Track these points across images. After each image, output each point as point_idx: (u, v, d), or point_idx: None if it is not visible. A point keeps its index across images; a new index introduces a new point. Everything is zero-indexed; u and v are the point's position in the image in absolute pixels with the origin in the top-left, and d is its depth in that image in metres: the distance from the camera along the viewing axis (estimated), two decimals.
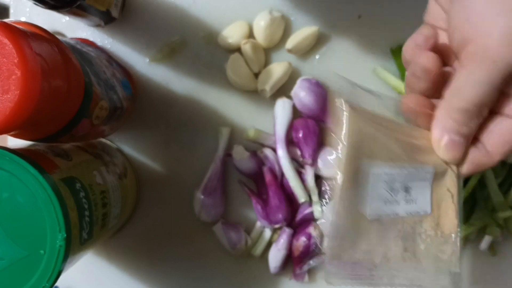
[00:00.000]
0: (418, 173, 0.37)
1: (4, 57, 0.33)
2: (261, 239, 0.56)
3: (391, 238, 0.35)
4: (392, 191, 0.36)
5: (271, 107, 0.56)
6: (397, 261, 0.35)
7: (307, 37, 0.54)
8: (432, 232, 0.36)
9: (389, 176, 0.36)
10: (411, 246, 0.36)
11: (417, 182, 0.37)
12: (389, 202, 0.36)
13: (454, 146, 0.36)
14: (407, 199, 0.36)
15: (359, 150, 0.35)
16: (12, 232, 0.36)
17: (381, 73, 0.55)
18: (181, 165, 0.57)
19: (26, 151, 0.39)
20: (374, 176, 0.35)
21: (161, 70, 0.57)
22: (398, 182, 0.36)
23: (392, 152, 0.36)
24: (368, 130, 0.36)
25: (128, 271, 0.58)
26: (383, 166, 0.36)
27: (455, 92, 0.36)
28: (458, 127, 0.36)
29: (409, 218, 0.36)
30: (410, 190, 0.36)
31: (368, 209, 0.35)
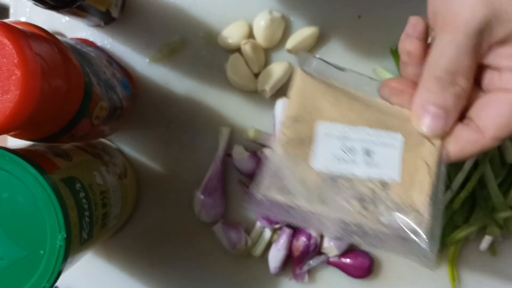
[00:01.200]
0: (382, 139, 0.37)
1: (4, 57, 0.33)
2: (261, 239, 0.56)
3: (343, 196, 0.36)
4: (348, 151, 0.36)
5: (271, 107, 0.56)
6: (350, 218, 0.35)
7: (307, 37, 0.54)
8: (398, 199, 0.36)
9: (343, 135, 0.37)
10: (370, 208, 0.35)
11: (381, 147, 0.36)
12: (344, 161, 0.36)
13: (431, 117, 0.36)
14: (368, 161, 0.36)
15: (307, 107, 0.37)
16: (12, 232, 0.36)
17: (381, 73, 0.55)
18: (181, 165, 0.57)
19: (26, 151, 0.39)
20: (323, 133, 0.37)
21: (161, 70, 0.57)
22: (355, 143, 0.36)
23: (349, 115, 0.37)
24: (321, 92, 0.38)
25: (128, 271, 0.58)
26: (334, 125, 0.37)
27: (428, 63, 0.36)
28: (433, 97, 0.35)
29: (370, 182, 0.36)
30: (372, 154, 0.36)
31: (315, 162, 0.36)
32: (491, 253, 0.56)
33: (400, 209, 0.35)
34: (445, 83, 0.35)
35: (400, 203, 0.35)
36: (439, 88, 0.35)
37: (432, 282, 0.57)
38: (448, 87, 0.35)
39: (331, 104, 0.37)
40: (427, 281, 0.57)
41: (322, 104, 0.37)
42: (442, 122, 0.36)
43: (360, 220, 0.35)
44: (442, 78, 0.35)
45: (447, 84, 0.35)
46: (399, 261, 0.57)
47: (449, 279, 0.56)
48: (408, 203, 0.35)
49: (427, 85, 0.36)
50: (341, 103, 0.38)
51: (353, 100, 0.38)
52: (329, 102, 0.37)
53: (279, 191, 0.35)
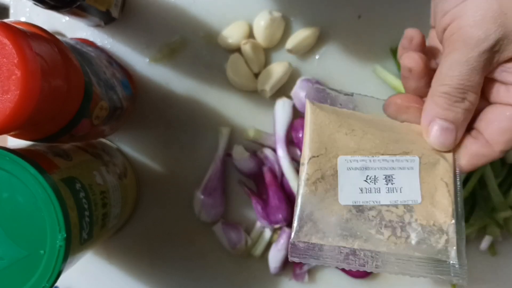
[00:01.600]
0: (400, 163, 0.37)
1: (4, 57, 0.33)
2: (261, 239, 0.56)
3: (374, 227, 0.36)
4: (370, 181, 0.37)
5: (271, 107, 0.56)
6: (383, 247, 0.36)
7: (307, 37, 0.54)
8: (424, 221, 0.36)
9: (364, 166, 0.37)
10: (401, 234, 0.36)
11: (400, 171, 0.37)
12: (368, 191, 0.37)
13: (442, 132, 0.37)
14: (389, 187, 0.37)
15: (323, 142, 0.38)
16: (12, 232, 0.36)
17: (381, 73, 0.55)
18: (181, 165, 0.57)
19: (26, 151, 0.39)
20: (344, 166, 0.37)
21: (161, 70, 0.57)
22: (376, 172, 0.37)
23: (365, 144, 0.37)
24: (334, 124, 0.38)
25: (128, 271, 0.58)
26: (353, 157, 0.37)
27: (437, 78, 0.37)
28: (443, 112, 0.36)
29: (396, 208, 0.36)
30: (392, 179, 0.37)
31: (342, 197, 0.36)
32: (491, 253, 0.56)
33: (428, 231, 0.36)
34: (455, 99, 0.36)
35: (427, 225, 0.36)
36: (449, 104, 0.36)
37: (431, 282, 0.57)
38: (458, 102, 0.36)
39: (347, 135, 0.38)
40: (426, 281, 0.57)
41: (338, 136, 0.38)
42: (453, 136, 0.37)
43: (394, 249, 0.36)
44: (452, 95, 0.35)
45: (457, 100, 0.36)
46: None
47: None
48: (434, 225, 0.36)
49: (437, 101, 0.36)
50: (356, 132, 0.38)
51: (367, 126, 0.38)
52: (344, 134, 0.38)
53: (314, 234, 0.36)
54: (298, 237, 0.36)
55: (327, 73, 0.56)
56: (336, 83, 0.56)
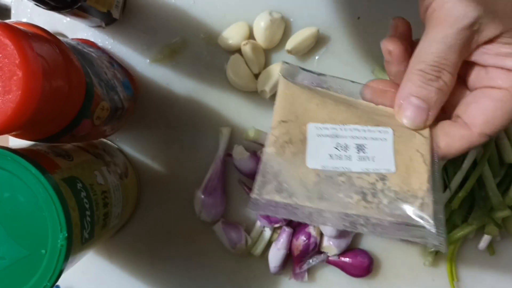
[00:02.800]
0: (373, 134, 0.37)
1: (5, 58, 0.34)
2: (261, 239, 0.57)
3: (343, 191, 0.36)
4: (341, 148, 0.37)
5: (271, 107, 0.55)
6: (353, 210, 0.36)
7: (306, 38, 0.55)
8: (397, 188, 0.36)
9: (334, 134, 0.37)
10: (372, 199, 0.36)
11: (372, 141, 0.37)
12: (338, 158, 0.37)
13: (414, 109, 0.36)
14: (362, 157, 0.37)
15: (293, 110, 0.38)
16: (14, 231, 0.37)
17: (379, 74, 0.55)
18: (182, 165, 0.58)
19: (27, 151, 0.39)
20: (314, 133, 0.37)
21: (162, 70, 0.57)
22: (347, 140, 0.37)
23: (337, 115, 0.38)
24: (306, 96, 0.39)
25: (129, 270, 0.59)
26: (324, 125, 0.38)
27: (414, 56, 0.37)
28: (416, 89, 0.36)
29: (367, 175, 0.36)
30: (365, 149, 0.37)
31: (310, 161, 0.36)
32: (489, 252, 0.57)
33: (401, 198, 0.36)
34: (429, 77, 0.35)
35: (400, 192, 0.36)
36: (423, 81, 0.36)
37: (431, 281, 0.57)
38: (432, 81, 0.35)
39: (318, 106, 0.38)
40: (426, 280, 0.57)
41: (309, 106, 0.38)
42: (424, 115, 0.36)
43: (363, 212, 0.35)
44: (427, 72, 0.35)
45: (431, 78, 0.35)
46: (398, 260, 0.57)
47: (448, 278, 0.57)
48: (408, 191, 0.36)
49: (411, 78, 0.36)
50: (327, 105, 0.38)
51: (339, 102, 0.39)
52: (315, 104, 0.38)
53: (278, 193, 0.36)
54: (261, 194, 0.36)
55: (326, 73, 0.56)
56: None
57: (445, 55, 0.35)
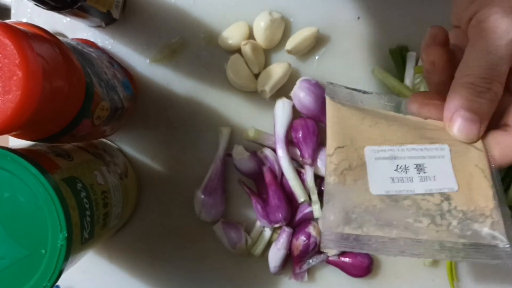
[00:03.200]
0: (430, 152, 0.36)
1: (5, 58, 0.34)
2: (261, 239, 0.57)
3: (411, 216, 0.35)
4: (401, 170, 0.36)
5: (271, 107, 0.56)
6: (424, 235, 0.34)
7: (306, 38, 0.55)
8: (464, 207, 0.35)
9: (392, 156, 0.36)
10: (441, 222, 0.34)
11: (430, 159, 0.36)
12: (400, 180, 0.36)
13: (466, 122, 0.36)
14: (422, 176, 0.36)
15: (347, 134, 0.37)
16: (14, 231, 0.37)
17: (380, 73, 0.55)
18: (182, 165, 0.58)
19: (27, 151, 0.39)
20: (372, 156, 0.36)
21: (162, 70, 0.57)
22: (406, 161, 0.36)
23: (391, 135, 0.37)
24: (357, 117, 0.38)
25: (129, 270, 0.59)
26: (380, 147, 0.37)
27: (461, 68, 0.36)
28: (467, 103, 0.35)
29: (431, 196, 0.35)
30: (424, 168, 0.36)
31: (373, 187, 0.35)
32: None
33: (470, 217, 0.35)
34: (480, 89, 0.35)
35: (468, 211, 0.35)
36: (473, 94, 0.35)
37: (430, 281, 0.57)
38: (483, 93, 0.35)
39: (371, 128, 0.37)
40: (425, 280, 0.57)
41: (362, 128, 0.37)
42: (476, 128, 0.36)
43: (436, 236, 0.34)
44: (477, 85, 0.35)
45: (482, 90, 0.35)
46: (398, 260, 0.57)
47: (448, 278, 0.57)
48: (476, 210, 0.35)
49: (460, 91, 0.36)
50: (380, 125, 0.37)
51: (390, 121, 0.38)
52: (368, 126, 0.37)
53: (348, 224, 0.35)
54: (331, 228, 0.34)
55: (326, 73, 0.56)
56: None
57: (496, 66, 0.34)
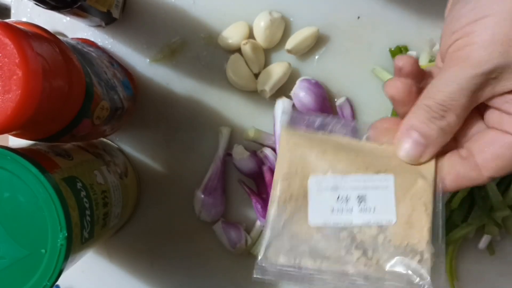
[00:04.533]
0: (374, 182, 0.36)
1: (5, 57, 0.34)
2: (261, 238, 0.56)
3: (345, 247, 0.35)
4: (342, 201, 0.36)
5: (271, 107, 0.56)
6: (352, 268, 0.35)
7: (306, 37, 0.55)
8: (397, 242, 0.35)
9: (335, 186, 0.36)
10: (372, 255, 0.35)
11: (374, 191, 0.36)
12: (340, 211, 0.36)
13: (411, 143, 0.36)
14: (362, 208, 0.36)
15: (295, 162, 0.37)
16: (13, 231, 0.37)
17: (380, 73, 0.55)
18: (182, 165, 0.58)
19: (27, 151, 0.39)
20: (315, 187, 0.36)
21: (162, 70, 0.57)
22: (348, 191, 0.36)
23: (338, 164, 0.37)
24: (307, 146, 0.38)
25: (128, 270, 0.59)
26: (324, 177, 0.37)
27: (426, 91, 0.36)
28: (418, 124, 0.35)
29: (369, 228, 0.35)
30: (366, 199, 0.36)
31: (312, 218, 0.36)
32: (489, 252, 0.57)
33: (401, 253, 0.35)
34: (434, 114, 0.35)
35: (400, 246, 0.35)
36: (427, 117, 0.35)
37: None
38: (436, 119, 0.35)
39: (319, 156, 0.37)
40: None
41: (310, 158, 0.37)
42: (420, 150, 0.36)
43: (363, 270, 0.35)
44: (432, 109, 0.35)
45: (436, 116, 0.35)
46: None
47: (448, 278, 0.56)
48: (408, 245, 0.35)
49: (416, 111, 0.36)
50: (328, 154, 0.37)
51: (340, 149, 0.38)
52: (315, 155, 0.37)
53: (283, 255, 0.35)
54: (266, 257, 0.35)
55: (326, 73, 0.56)
56: (335, 83, 0.56)
57: (454, 96, 0.34)
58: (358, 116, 0.56)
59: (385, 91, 0.38)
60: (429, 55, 0.54)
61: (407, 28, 0.56)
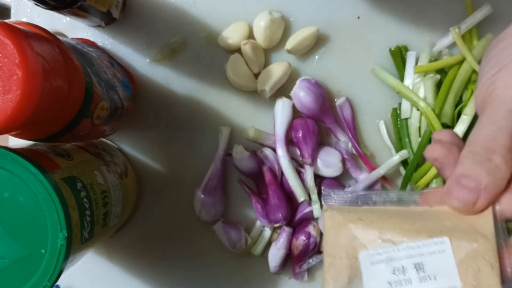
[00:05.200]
0: (428, 248, 0.34)
1: (5, 57, 0.34)
2: (261, 238, 0.57)
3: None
4: (398, 272, 0.34)
5: (271, 107, 0.56)
6: None
7: (306, 37, 0.55)
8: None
9: (388, 258, 0.34)
10: None
11: (430, 256, 0.34)
12: (397, 283, 0.34)
13: (462, 189, 0.34)
14: (421, 276, 0.33)
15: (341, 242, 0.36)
16: (14, 231, 0.37)
17: (380, 73, 0.55)
18: (182, 165, 0.58)
19: (27, 151, 0.39)
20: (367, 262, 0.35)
21: (162, 70, 0.57)
22: (403, 261, 0.34)
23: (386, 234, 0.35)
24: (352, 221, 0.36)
25: (128, 270, 0.59)
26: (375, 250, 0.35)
27: (468, 140, 0.35)
28: (465, 170, 0.34)
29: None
30: (424, 267, 0.34)
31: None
32: None
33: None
34: (479, 158, 0.33)
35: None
36: (472, 163, 0.33)
37: None
38: (482, 162, 0.33)
39: (365, 229, 0.36)
40: None
41: (357, 233, 0.36)
42: (473, 195, 0.33)
43: None
44: (477, 153, 0.34)
45: (481, 159, 0.33)
46: None
47: None
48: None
49: (461, 161, 0.34)
50: (375, 224, 0.35)
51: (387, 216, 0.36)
52: (362, 228, 0.36)
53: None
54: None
55: (326, 73, 0.56)
56: (335, 83, 0.56)
57: (494, 137, 0.33)
58: (358, 116, 0.56)
59: (426, 156, 0.37)
60: (429, 55, 0.54)
61: (407, 28, 0.56)
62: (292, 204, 0.56)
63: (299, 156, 0.55)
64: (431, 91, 0.53)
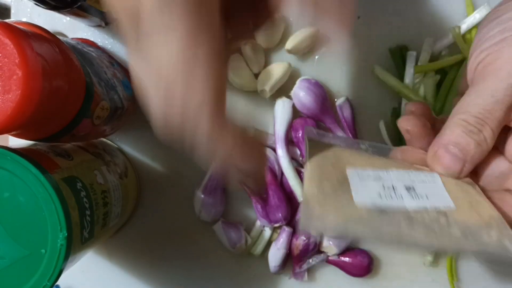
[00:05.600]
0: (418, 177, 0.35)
1: (5, 57, 0.34)
2: (261, 238, 0.57)
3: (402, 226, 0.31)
4: (389, 189, 0.34)
5: (271, 107, 0.56)
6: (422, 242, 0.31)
7: (306, 37, 0.54)
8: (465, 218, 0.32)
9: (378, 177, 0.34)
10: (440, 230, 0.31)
11: (420, 183, 0.34)
12: (387, 196, 0.33)
13: (451, 157, 0.34)
14: (413, 195, 0.33)
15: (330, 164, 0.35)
16: (14, 231, 0.37)
17: (380, 73, 0.55)
18: (182, 165, 0.58)
19: (27, 151, 0.39)
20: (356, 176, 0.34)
21: None
22: (391, 181, 0.34)
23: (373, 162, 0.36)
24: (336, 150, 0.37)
25: (128, 270, 0.59)
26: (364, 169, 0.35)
27: (458, 106, 0.35)
28: (455, 138, 0.34)
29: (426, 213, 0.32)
30: (415, 189, 0.34)
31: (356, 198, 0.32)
32: None
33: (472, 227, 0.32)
34: (471, 128, 0.34)
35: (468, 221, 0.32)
36: (464, 131, 0.34)
37: (430, 281, 0.57)
38: (473, 133, 0.34)
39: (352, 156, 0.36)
40: (426, 280, 0.57)
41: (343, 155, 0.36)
42: (460, 165, 0.34)
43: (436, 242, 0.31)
44: (469, 123, 0.34)
45: (473, 130, 0.34)
46: (398, 260, 0.57)
47: (448, 278, 0.56)
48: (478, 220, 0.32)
49: (451, 126, 0.35)
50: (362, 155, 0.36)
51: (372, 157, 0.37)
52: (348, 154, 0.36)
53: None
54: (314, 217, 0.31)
55: (326, 73, 0.56)
56: (335, 83, 0.56)
57: (491, 109, 0.33)
58: (358, 116, 0.56)
59: (400, 125, 0.38)
60: (429, 55, 0.54)
61: (407, 28, 0.56)
62: (292, 204, 0.56)
63: (299, 156, 0.55)
64: (431, 91, 0.53)
